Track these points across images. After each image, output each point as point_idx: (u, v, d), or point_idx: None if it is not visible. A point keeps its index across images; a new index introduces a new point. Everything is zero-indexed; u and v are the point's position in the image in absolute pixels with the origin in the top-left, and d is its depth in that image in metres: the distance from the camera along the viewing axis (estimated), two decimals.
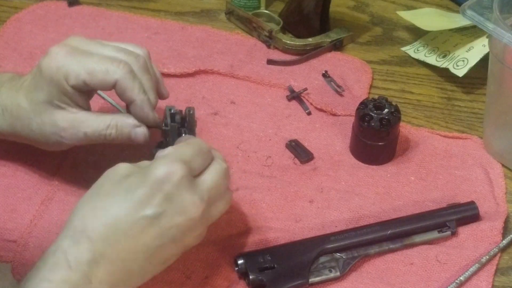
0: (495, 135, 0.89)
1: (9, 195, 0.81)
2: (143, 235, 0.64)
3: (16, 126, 0.76)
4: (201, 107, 0.93)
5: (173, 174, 0.65)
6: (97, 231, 0.63)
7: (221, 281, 0.74)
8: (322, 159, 0.88)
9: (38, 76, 0.74)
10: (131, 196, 0.64)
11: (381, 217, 0.81)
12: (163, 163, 0.65)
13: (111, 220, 0.63)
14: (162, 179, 0.64)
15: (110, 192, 0.65)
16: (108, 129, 0.74)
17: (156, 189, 0.64)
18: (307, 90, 0.95)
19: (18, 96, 0.75)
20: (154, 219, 0.64)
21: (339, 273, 0.75)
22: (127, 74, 0.72)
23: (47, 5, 1.07)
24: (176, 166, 0.65)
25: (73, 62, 0.72)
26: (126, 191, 0.64)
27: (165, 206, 0.64)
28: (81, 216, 0.64)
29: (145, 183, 0.64)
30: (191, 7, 1.10)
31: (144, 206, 0.64)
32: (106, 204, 0.64)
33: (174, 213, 0.65)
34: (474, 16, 0.81)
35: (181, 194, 0.65)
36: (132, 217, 0.64)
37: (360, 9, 1.11)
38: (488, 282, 0.76)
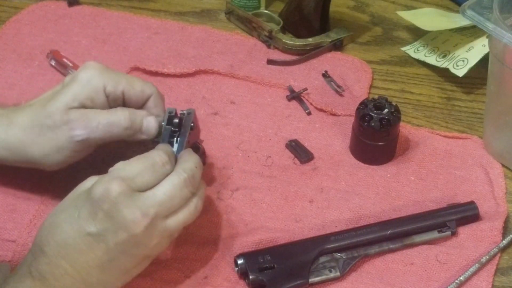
0: (495, 135, 0.89)
1: (9, 194, 0.81)
2: (91, 250, 0.66)
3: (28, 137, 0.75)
4: (201, 107, 0.93)
5: (110, 191, 0.65)
6: (51, 246, 0.65)
7: (221, 281, 0.74)
8: (322, 159, 0.88)
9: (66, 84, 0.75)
10: (77, 214, 0.66)
11: (381, 217, 0.81)
12: (102, 181, 0.66)
13: (61, 237, 0.65)
14: (100, 197, 0.65)
15: (64, 209, 0.67)
16: (121, 119, 0.74)
17: (96, 207, 0.65)
18: (307, 90, 0.95)
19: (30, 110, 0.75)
20: (98, 236, 0.65)
21: (339, 273, 0.75)
22: (158, 92, 0.78)
23: (47, 5, 1.07)
24: (113, 184, 0.66)
25: (113, 74, 0.76)
26: (74, 208, 0.66)
27: (106, 223, 0.65)
28: (41, 231, 0.67)
29: (88, 201, 0.66)
30: (191, 7, 1.10)
31: (88, 224, 0.65)
32: (60, 220, 0.66)
33: (116, 230, 0.65)
34: (474, 16, 0.81)
35: (119, 211, 0.65)
36: (79, 234, 0.65)
37: (360, 9, 1.11)
38: (488, 282, 0.76)
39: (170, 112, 0.76)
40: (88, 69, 0.75)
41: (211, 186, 0.83)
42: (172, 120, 0.76)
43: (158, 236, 0.67)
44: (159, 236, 0.68)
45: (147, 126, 0.76)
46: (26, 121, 0.75)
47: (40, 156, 0.75)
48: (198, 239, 0.77)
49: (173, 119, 0.76)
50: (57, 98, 0.74)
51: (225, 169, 0.85)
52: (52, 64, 0.97)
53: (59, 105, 0.74)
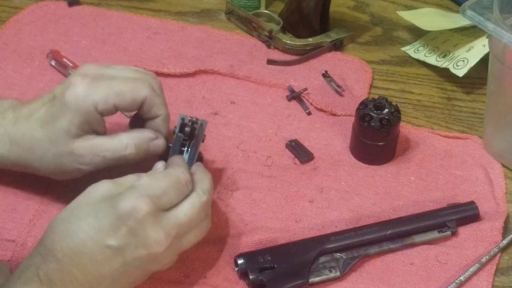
0: (495, 135, 0.89)
1: (9, 194, 0.81)
2: (107, 262, 0.65)
3: (28, 158, 0.75)
4: (201, 107, 0.93)
5: (138, 210, 0.65)
6: (64, 253, 0.64)
7: (221, 281, 0.74)
8: (322, 159, 0.88)
9: (58, 106, 0.72)
10: (98, 224, 0.65)
11: (381, 217, 0.81)
12: (131, 196, 0.66)
13: (77, 244, 0.65)
14: (127, 213, 0.65)
15: (81, 216, 0.66)
16: (127, 149, 0.74)
17: (121, 222, 0.65)
18: (307, 90, 0.95)
19: (31, 127, 0.74)
20: (117, 250, 0.65)
21: (339, 273, 0.75)
22: (152, 91, 0.74)
23: (47, 5, 1.07)
24: (142, 202, 0.66)
25: (100, 89, 0.72)
26: (95, 218, 0.65)
27: (128, 239, 0.65)
28: (53, 235, 0.66)
29: (112, 214, 0.65)
30: (191, 7, 1.10)
31: (109, 237, 0.65)
32: (76, 227, 0.65)
33: (138, 247, 0.66)
34: (474, 16, 0.81)
35: (145, 230, 0.66)
36: (97, 245, 0.65)
37: (360, 9, 1.11)
38: (488, 282, 0.76)
39: (183, 119, 0.76)
40: (74, 89, 0.72)
41: None
42: (183, 128, 0.75)
43: (172, 255, 0.69)
44: (173, 254, 0.69)
45: (153, 150, 0.75)
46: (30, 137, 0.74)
47: (45, 172, 0.76)
48: None
49: (185, 127, 0.75)
50: (54, 125, 0.72)
51: (225, 169, 0.85)
52: (52, 64, 0.97)
53: (60, 134, 0.72)
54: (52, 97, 0.74)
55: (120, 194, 0.66)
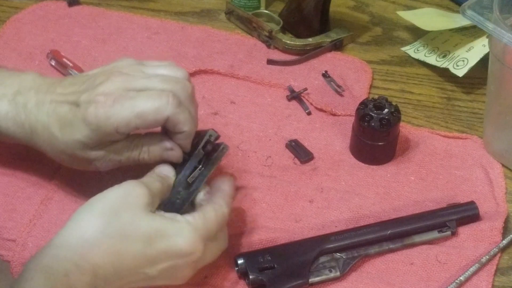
0: (495, 135, 0.89)
1: (9, 194, 0.81)
2: (133, 284, 0.67)
3: (45, 147, 0.74)
4: (201, 107, 0.92)
5: (194, 255, 0.67)
6: (105, 271, 0.64)
7: (221, 281, 0.74)
8: (322, 159, 0.88)
9: (78, 118, 0.70)
10: (146, 253, 0.66)
11: (381, 217, 0.81)
12: (190, 238, 0.67)
13: (122, 267, 0.65)
14: (183, 254, 0.67)
15: (129, 237, 0.65)
16: (141, 154, 0.73)
17: (171, 258, 0.67)
18: (307, 90, 0.95)
19: (51, 123, 0.72)
20: (150, 277, 0.67)
21: (339, 273, 0.75)
22: (177, 108, 0.70)
23: (47, 5, 1.07)
24: (198, 248, 0.68)
25: (122, 110, 0.69)
26: (144, 245, 0.65)
27: (166, 272, 0.67)
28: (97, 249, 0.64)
29: (162, 247, 0.66)
30: (191, 7, 1.10)
31: (150, 266, 0.66)
32: (124, 250, 0.65)
33: (169, 279, 0.68)
34: (474, 16, 0.81)
35: (185, 271, 0.68)
36: (137, 269, 0.66)
37: (360, 9, 1.11)
38: (488, 282, 0.76)
39: (210, 135, 0.74)
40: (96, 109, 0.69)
41: None
42: (206, 145, 0.74)
43: None
44: None
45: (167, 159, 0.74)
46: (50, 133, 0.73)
47: (60, 162, 0.76)
48: None
49: (207, 145, 0.74)
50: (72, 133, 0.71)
51: (225, 169, 0.85)
52: (52, 64, 0.97)
53: (76, 143, 0.71)
54: (76, 102, 0.71)
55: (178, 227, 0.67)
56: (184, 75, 0.74)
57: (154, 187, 0.69)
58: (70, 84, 0.74)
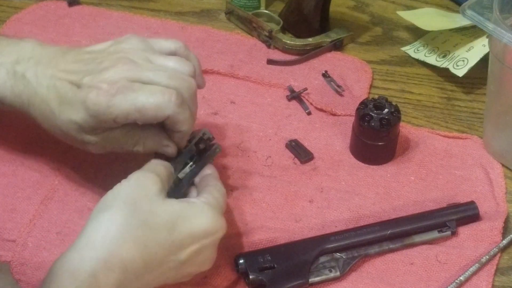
0: (495, 135, 0.89)
1: (8, 194, 0.81)
2: (164, 274, 0.66)
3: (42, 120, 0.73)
4: (201, 107, 0.92)
5: (219, 232, 0.68)
6: (135, 264, 0.63)
7: (221, 281, 0.74)
8: (322, 159, 0.88)
9: (78, 99, 0.69)
10: (174, 238, 0.65)
11: (381, 217, 0.81)
12: (213, 216, 0.68)
13: (149, 257, 0.64)
14: (208, 232, 0.67)
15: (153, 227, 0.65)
16: (136, 146, 0.73)
17: (197, 239, 0.67)
18: (307, 90, 0.95)
19: (50, 98, 0.71)
20: (181, 263, 0.66)
21: (339, 273, 0.75)
22: (179, 108, 0.70)
23: (47, 5, 1.07)
24: (222, 223, 0.69)
25: (123, 101, 0.68)
26: (169, 231, 0.65)
27: (194, 256, 0.67)
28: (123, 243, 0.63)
29: (190, 229, 0.66)
30: (191, 7, 1.10)
31: (179, 251, 0.66)
32: (151, 240, 0.64)
33: (198, 264, 0.68)
34: (474, 16, 0.81)
35: (211, 250, 0.69)
36: (166, 258, 0.65)
37: (360, 9, 1.11)
38: (488, 282, 0.76)
39: (204, 133, 0.75)
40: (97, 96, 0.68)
41: None
42: (199, 143, 0.75)
43: None
44: None
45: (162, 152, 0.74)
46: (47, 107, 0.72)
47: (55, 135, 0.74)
48: None
49: (200, 143, 0.74)
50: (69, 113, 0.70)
51: (225, 169, 0.85)
52: None
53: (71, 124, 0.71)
54: (78, 83, 0.70)
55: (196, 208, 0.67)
56: (191, 70, 0.74)
57: (161, 172, 0.69)
58: (74, 61, 0.72)
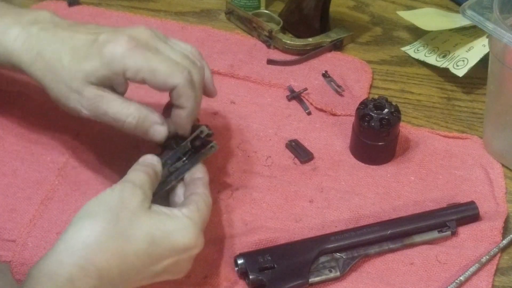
0: (495, 135, 0.89)
1: (8, 194, 0.81)
2: (138, 283, 0.67)
3: (43, 73, 0.74)
4: (201, 107, 0.92)
5: (196, 248, 0.69)
6: (111, 273, 0.64)
7: (221, 281, 0.74)
8: (322, 159, 0.88)
9: (93, 50, 0.72)
10: (151, 251, 0.66)
11: (381, 217, 0.81)
12: (191, 232, 0.68)
13: (128, 267, 0.65)
14: (186, 248, 0.68)
15: (132, 239, 0.65)
16: (130, 117, 0.72)
17: (175, 254, 0.67)
18: (307, 90, 0.95)
19: (63, 50, 0.73)
20: (155, 274, 0.67)
21: (339, 273, 0.75)
22: (188, 82, 0.72)
23: (47, 5, 1.07)
24: (201, 240, 0.69)
25: (138, 57, 0.71)
26: (148, 245, 0.66)
27: (170, 268, 0.68)
28: (101, 252, 0.64)
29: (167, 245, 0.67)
30: (191, 7, 1.10)
31: (155, 264, 0.67)
32: (129, 251, 0.65)
33: (172, 273, 0.69)
34: (474, 16, 0.81)
35: (187, 263, 0.69)
36: (143, 268, 0.66)
37: (360, 9, 1.11)
38: (488, 282, 0.76)
39: (202, 131, 0.75)
40: (115, 47, 0.71)
41: (211, 186, 0.83)
42: (195, 140, 0.75)
43: None
44: None
45: (153, 134, 0.74)
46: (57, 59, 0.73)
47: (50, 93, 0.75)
48: None
49: (196, 140, 0.75)
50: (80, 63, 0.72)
51: (225, 169, 0.85)
52: None
53: (80, 74, 0.72)
54: (95, 40, 0.72)
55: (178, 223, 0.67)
56: (203, 64, 0.77)
57: (143, 182, 0.69)
58: (95, 27, 0.75)
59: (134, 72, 0.71)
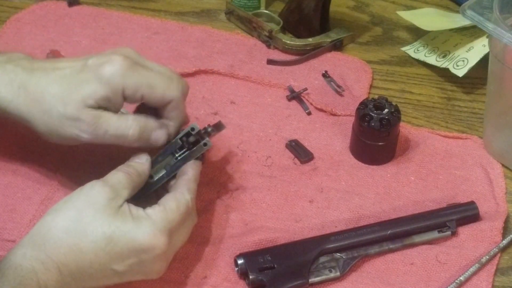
0: (495, 135, 0.89)
1: (8, 194, 0.81)
2: (106, 280, 0.68)
3: (30, 109, 0.72)
4: (201, 107, 0.93)
5: (156, 248, 0.67)
6: (69, 268, 0.65)
7: (221, 281, 0.74)
8: (322, 159, 0.88)
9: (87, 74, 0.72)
10: (110, 249, 0.66)
11: (381, 217, 0.81)
12: (150, 232, 0.67)
13: (84, 264, 0.66)
14: (144, 248, 0.67)
15: (91, 234, 0.66)
16: (131, 130, 0.72)
17: (134, 253, 0.67)
18: (307, 90, 0.95)
19: (48, 80, 0.72)
20: (120, 273, 0.67)
21: (339, 273, 0.75)
22: (182, 95, 0.74)
23: (47, 5, 1.07)
24: (161, 241, 0.67)
25: (136, 75, 0.72)
26: (107, 242, 0.66)
27: (134, 267, 0.67)
28: (59, 247, 0.65)
29: (126, 243, 0.66)
30: (191, 7, 1.10)
31: (117, 262, 0.67)
32: (86, 247, 0.66)
33: (141, 274, 0.69)
34: (474, 16, 0.81)
35: (154, 264, 0.68)
36: (103, 266, 0.66)
37: (360, 9, 1.11)
38: (488, 282, 0.76)
39: (193, 128, 0.75)
40: (113, 66, 0.71)
41: (210, 186, 0.83)
42: (188, 137, 0.75)
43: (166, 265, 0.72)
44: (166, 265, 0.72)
45: (155, 139, 0.74)
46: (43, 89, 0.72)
47: (41, 129, 0.74)
48: (198, 239, 0.77)
49: (190, 136, 0.75)
50: (76, 89, 0.71)
51: (225, 169, 0.85)
52: None
53: (76, 98, 0.71)
54: (83, 65, 0.73)
55: (137, 223, 0.67)
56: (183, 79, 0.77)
57: (117, 181, 0.69)
58: (75, 58, 0.75)
59: (133, 90, 0.72)
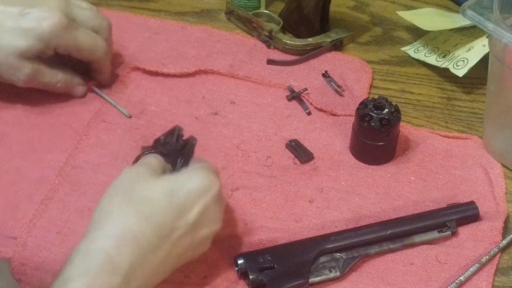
0: (495, 135, 0.89)
1: (10, 193, 0.81)
2: (180, 241, 0.68)
3: None
4: (201, 107, 0.93)
5: (213, 186, 0.69)
6: (145, 236, 0.65)
7: (221, 281, 0.74)
8: (322, 159, 0.88)
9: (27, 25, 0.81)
10: (175, 203, 0.67)
11: (381, 217, 0.81)
12: (203, 173, 0.70)
13: (156, 226, 0.66)
14: (203, 190, 0.69)
15: (150, 198, 0.67)
16: (59, 83, 0.88)
17: (197, 199, 0.68)
18: (307, 90, 0.95)
19: None
20: (190, 226, 0.68)
21: (339, 273, 0.75)
22: (105, 55, 0.90)
23: None
24: (214, 179, 0.70)
25: (67, 37, 0.84)
26: (168, 197, 0.67)
27: (204, 217, 0.69)
28: (124, 218, 0.65)
29: (187, 192, 0.68)
30: (191, 7, 1.10)
31: (186, 213, 0.68)
32: (151, 209, 0.66)
33: (206, 225, 0.70)
34: (474, 16, 0.81)
35: (215, 206, 0.70)
36: (176, 222, 0.67)
37: (360, 9, 1.11)
38: (488, 282, 0.76)
39: (179, 131, 0.75)
40: (52, 25, 0.82)
41: None
42: (178, 139, 0.75)
43: None
44: None
45: (75, 92, 0.91)
46: None
47: None
48: None
49: (178, 139, 0.75)
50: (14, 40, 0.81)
51: (225, 169, 0.85)
52: None
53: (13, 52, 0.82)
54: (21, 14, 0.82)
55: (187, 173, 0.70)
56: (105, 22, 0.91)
57: (151, 162, 0.72)
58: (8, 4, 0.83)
59: (64, 49, 0.85)
